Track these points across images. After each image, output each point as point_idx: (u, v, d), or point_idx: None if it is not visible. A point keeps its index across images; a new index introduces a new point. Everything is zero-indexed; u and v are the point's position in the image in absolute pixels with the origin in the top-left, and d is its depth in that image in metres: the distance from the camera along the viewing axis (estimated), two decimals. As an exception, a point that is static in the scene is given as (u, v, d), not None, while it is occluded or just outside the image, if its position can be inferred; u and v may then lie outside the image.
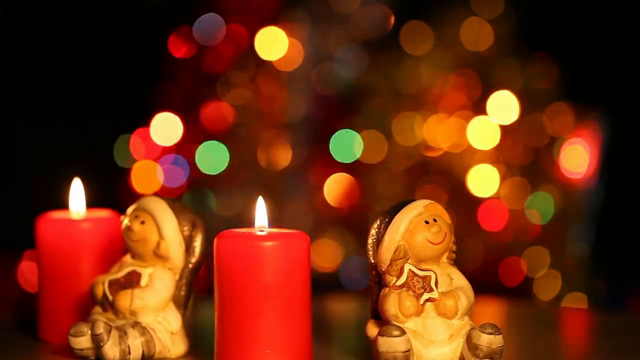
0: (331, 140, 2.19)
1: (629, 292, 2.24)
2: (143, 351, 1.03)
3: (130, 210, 1.08)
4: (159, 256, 1.06)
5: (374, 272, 1.02)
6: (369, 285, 1.03)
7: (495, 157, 2.18)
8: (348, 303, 1.47)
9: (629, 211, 2.26)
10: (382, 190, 2.18)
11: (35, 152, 2.28)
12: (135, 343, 1.03)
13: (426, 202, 1.01)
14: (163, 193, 2.18)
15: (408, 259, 1.00)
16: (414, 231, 1.00)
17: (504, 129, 2.19)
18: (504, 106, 2.19)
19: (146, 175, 2.20)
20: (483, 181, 2.17)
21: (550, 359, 1.09)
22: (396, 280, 0.99)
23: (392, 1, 2.22)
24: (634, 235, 2.22)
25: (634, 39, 2.26)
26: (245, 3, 2.21)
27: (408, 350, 0.96)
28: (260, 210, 1.05)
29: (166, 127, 2.20)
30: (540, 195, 2.19)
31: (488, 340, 0.97)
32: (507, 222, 2.18)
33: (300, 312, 1.01)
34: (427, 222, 1.00)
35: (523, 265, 2.18)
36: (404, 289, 0.99)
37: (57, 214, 1.18)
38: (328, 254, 2.17)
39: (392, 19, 2.22)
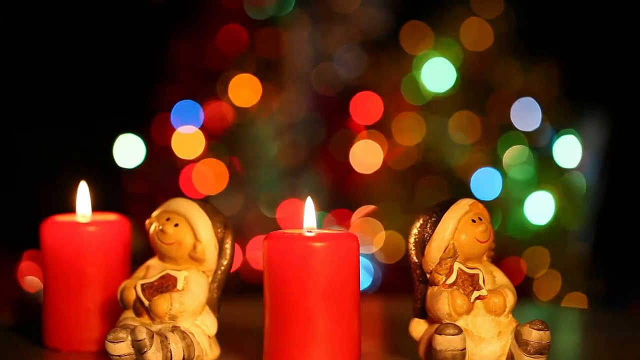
0: (331, 140, 2.19)
1: (629, 292, 2.24)
2: (184, 355, 1.01)
3: (157, 213, 1.06)
4: (195, 259, 1.04)
5: (418, 272, 1.03)
6: (412, 284, 1.04)
7: (495, 157, 2.18)
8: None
9: (629, 211, 2.26)
10: (382, 190, 2.18)
11: (33, 152, 2.28)
12: (177, 348, 1.00)
13: (470, 200, 1.03)
14: (163, 193, 2.18)
15: (457, 258, 1.00)
16: (462, 230, 1.01)
17: (504, 128, 2.19)
18: (504, 106, 2.19)
19: (147, 175, 2.20)
20: (483, 181, 2.17)
21: (550, 359, 1.09)
22: (446, 279, 1.00)
23: (392, 1, 2.22)
24: (634, 235, 2.22)
25: (634, 39, 2.26)
26: (245, 3, 2.21)
27: (465, 348, 0.97)
28: (309, 211, 1.05)
29: (164, 128, 2.19)
30: (540, 195, 2.19)
31: (538, 336, 0.98)
32: (507, 222, 2.18)
33: (352, 311, 1.01)
34: (473, 221, 1.01)
35: (523, 265, 2.18)
36: (455, 287, 1.00)
37: (62, 218, 1.16)
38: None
39: (392, 19, 2.22)
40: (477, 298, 1.00)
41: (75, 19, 2.31)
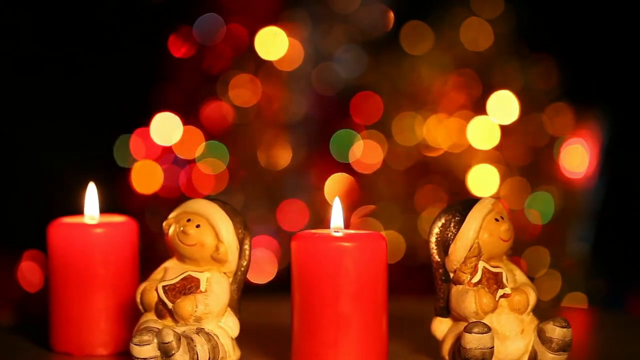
0: (331, 140, 2.19)
1: (629, 292, 2.24)
2: (209, 357, 1.00)
3: (176, 213, 1.04)
4: (217, 260, 1.03)
5: (440, 271, 1.03)
6: (434, 283, 1.04)
7: (495, 157, 2.18)
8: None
9: (629, 211, 2.26)
10: (382, 190, 2.18)
11: (31, 152, 2.28)
12: (203, 350, 0.99)
13: (492, 199, 1.04)
14: (163, 193, 2.18)
15: (481, 257, 1.02)
16: (486, 229, 1.02)
17: (504, 129, 2.19)
18: (504, 106, 2.19)
19: (146, 175, 2.20)
20: (483, 181, 2.17)
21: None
22: (471, 278, 1.01)
23: (392, 1, 2.22)
24: (634, 235, 2.22)
25: (634, 39, 2.26)
26: (245, 3, 2.21)
27: (493, 347, 0.98)
28: (337, 211, 1.05)
29: (166, 127, 2.20)
30: (540, 195, 2.19)
31: (562, 333, 0.99)
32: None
33: (381, 311, 1.02)
34: (497, 220, 1.02)
35: (523, 265, 2.18)
36: (480, 286, 1.01)
37: (69, 219, 1.14)
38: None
39: (392, 19, 2.22)
40: (502, 296, 1.01)
41: (75, 17, 2.31)
